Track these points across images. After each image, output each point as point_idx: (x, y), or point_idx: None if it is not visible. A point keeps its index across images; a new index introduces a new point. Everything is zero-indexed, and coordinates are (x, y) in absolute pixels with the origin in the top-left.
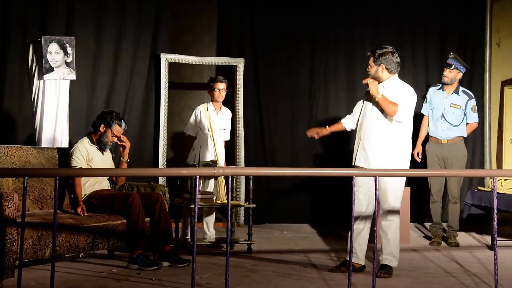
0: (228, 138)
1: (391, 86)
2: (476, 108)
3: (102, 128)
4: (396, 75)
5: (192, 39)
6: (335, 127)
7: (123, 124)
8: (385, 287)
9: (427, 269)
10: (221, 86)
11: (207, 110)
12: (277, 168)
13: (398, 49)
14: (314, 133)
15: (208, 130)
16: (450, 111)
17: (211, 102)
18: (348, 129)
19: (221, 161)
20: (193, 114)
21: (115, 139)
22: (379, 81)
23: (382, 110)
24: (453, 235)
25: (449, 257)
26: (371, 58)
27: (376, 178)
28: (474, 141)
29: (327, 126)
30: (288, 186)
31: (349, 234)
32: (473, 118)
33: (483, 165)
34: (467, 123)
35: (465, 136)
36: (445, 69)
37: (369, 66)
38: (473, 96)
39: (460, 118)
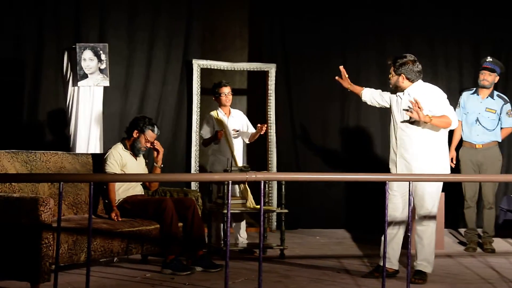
0: (252, 130)
1: (416, 92)
2: (511, 112)
3: (135, 134)
4: (420, 80)
5: (224, 45)
6: (355, 88)
7: (156, 129)
8: None
9: (462, 275)
10: (227, 90)
11: (218, 116)
12: (310, 173)
13: (430, 53)
14: (343, 75)
15: (223, 136)
16: (485, 116)
17: (219, 108)
18: (363, 99)
19: (240, 165)
20: (205, 120)
21: (149, 145)
22: (401, 90)
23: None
24: (488, 241)
25: (484, 263)
26: (392, 68)
27: (410, 183)
28: (509, 146)
29: (350, 84)
30: (321, 191)
31: (382, 239)
32: (508, 122)
33: None
34: (501, 128)
35: (500, 140)
36: (484, 72)
37: (390, 75)
38: (508, 100)
39: (495, 122)
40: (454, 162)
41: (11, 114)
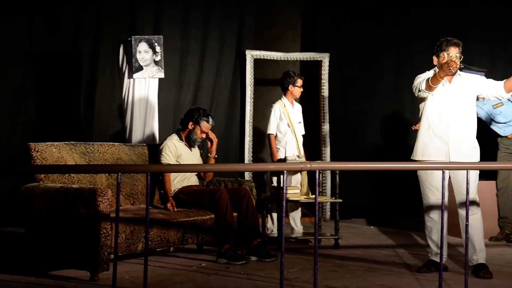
0: (304, 132)
1: (465, 74)
2: None
3: (190, 125)
4: None
5: (276, 35)
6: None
7: (210, 120)
8: (481, 285)
9: None
10: (301, 82)
11: (284, 106)
12: (364, 163)
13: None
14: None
15: (289, 126)
16: (497, 112)
17: (284, 98)
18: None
19: (303, 155)
20: (273, 113)
21: (204, 135)
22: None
23: (467, 98)
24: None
25: None
26: (458, 48)
27: (467, 172)
28: None
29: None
30: (375, 181)
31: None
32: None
33: None
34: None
35: None
36: None
37: (459, 57)
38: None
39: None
40: None
41: (69, 106)
